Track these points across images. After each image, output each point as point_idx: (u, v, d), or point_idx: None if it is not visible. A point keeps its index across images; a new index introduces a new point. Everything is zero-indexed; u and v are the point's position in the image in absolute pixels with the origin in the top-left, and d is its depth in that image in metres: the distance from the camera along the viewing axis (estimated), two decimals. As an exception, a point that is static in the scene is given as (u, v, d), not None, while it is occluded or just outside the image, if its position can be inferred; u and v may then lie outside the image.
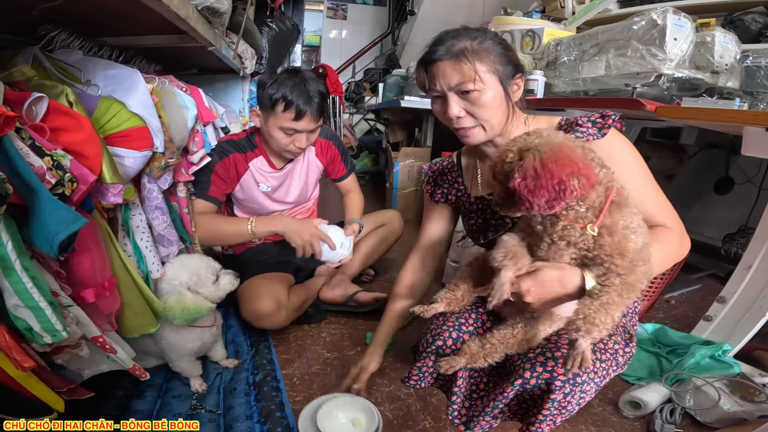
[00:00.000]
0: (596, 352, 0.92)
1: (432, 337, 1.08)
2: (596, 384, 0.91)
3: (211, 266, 1.12)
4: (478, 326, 1.07)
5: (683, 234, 0.91)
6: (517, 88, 0.96)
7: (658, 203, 0.91)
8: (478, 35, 0.92)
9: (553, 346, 0.93)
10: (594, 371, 0.89)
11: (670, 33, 1.36)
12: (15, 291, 0.59)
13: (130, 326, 0.93)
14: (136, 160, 0.87)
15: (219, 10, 1.36)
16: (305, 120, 1.31)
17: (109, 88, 0.87)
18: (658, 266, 0.88)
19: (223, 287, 1.13)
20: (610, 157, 0.86)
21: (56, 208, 0.57)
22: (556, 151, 0.70)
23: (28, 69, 0.73)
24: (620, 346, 0.97)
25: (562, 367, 0.85)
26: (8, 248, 0.56)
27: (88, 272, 0.72)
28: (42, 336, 0.63)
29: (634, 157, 0.92)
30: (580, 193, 0.69)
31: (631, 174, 0.89)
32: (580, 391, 0.89)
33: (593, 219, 0.75)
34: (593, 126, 0.91)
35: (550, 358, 0.90)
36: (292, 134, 1.34)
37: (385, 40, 5.30)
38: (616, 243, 0.74)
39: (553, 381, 0.87)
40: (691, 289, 1.85)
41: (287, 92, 1.27)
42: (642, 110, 1.25)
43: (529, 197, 0.69)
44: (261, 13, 2.43)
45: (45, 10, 0.82)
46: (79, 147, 0.65)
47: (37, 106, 0.64)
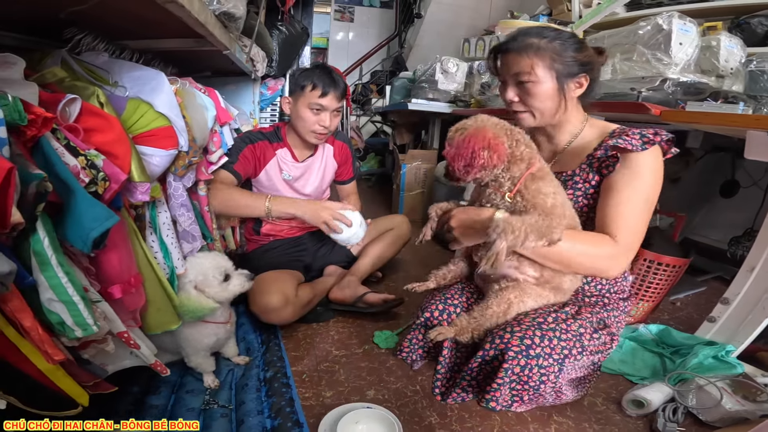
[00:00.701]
0: (557, 331, 0.97)
1: (421, 311, 1.18)
2: (555, 361, 0.96)
3: (220, 266, 1.13)
4: (463, 301, 1.17)
5: (621, 255, 0.97)
6: (577, 87, 1.04)
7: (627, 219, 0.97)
8: (550, 35, 1.02)
9: (515, 323, 1.01)
10: (551, 347, 0.97)
11: (676, 37, 1.38)
12: (50, 285, 0.61)
13: (153, 323, 0.95)
14: (163, 158, 0.89)
15: (235, 15, 1.39)
16: (329, 97, 1.49)
17: (136, 89, 0.90)
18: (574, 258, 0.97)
19: (231, 288, 1.13)
20: (632, 166, 0.97)
21: (91, 205, 0.59)
22: (476, 129, 0.92)
23: (60, 71, 0.76)
24: (586, 330, 1.02)
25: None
26: (45, 244, 0.59)
27: (116, 269, 0.75)
28: (74, 330, 0.65)
29: (648, 177, 0.98)
30: (488, 162, 0.90)
31: (633, 185, 0.97)
32: (537, 365, 0.96)
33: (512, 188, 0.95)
34: (640, 138, 0.97)
35: (508, 332, 0.99)
36: (318, 112, 1.51)
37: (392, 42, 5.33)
38: (527, 200, 0.93)
39: (507, 351, 0.96)
40: (696, 291, 1.86)
41: (314, 75, 1.49)
42: (647, 114, 1.26)
43: (452, 163, 0.92)
44: (272, 17, 2.45)
45: (72, 13, 0.85)
46: (110, 147, 0.68)
47: (71, 107, 0.66)
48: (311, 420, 1.02)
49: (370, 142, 4.63)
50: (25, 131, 0.57)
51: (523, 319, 1.02)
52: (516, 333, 0.98)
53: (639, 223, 0.98)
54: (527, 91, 1.04)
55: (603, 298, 1.13)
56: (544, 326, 0.99)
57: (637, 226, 0.98)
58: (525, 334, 0.97)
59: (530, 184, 0.94)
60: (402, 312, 1.59)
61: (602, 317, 1.07)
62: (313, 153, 1.68)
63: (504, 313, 1.03)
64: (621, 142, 0.97)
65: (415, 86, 3.08)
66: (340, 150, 1.76)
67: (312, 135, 1.56)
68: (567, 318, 1.03)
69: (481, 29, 3.78)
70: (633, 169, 0.97)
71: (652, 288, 1.49)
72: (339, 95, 1.52)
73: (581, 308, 1.07)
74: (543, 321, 1.00)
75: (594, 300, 1.12)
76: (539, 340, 0.96)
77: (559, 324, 1.00)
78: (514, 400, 1.03)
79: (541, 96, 1.03)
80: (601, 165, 1.02)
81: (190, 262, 1.10)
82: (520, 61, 1.02)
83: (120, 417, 0.95)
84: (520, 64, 1.02)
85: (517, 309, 1.04)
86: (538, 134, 1.16)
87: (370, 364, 1.26)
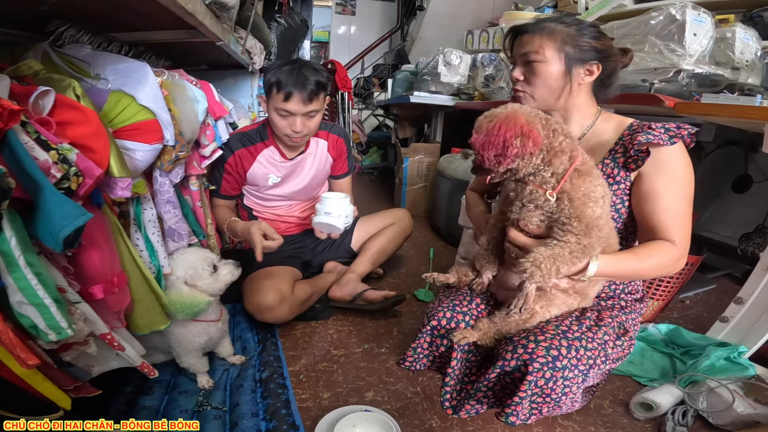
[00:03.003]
0: (583, 340, 0.92)
1: (428, 318, 1.13)
2: (581, 372, 0.92)
3: (207, 258, 1.11)
4: (472, 308, 1.12)
5: (683, 255, 0.96)
6: (587, 74, 1.01)
7: (678, 221, 0.96)
8: (568, 21, 1.01)
9: (539, 331, 0.96)
10: (577, 358, 0.92)
11: (690, 28, 1.34)
12: (19, 288, 0.58)
13: (141, 323, 0.92)
14: (146, 153, 0.86)
15: (227, 4, 1.35)
16: (294, 101, 1.34)
17: (119, 82, 0.86)
18: (650, 272, 0.97)
19: (222, 278, 1.11)
20: (666, 165, 0.94)
21: (61, 202, 0.56)
22: (508, 116, 0.83)
23: (35, 63, 0.72)
24: (610, 337, 0.98)
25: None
26: (12, 244, 0.55)
27: (97, 268, 0.72)
28: (47, 333, 0.62)
29: (685, 174, 0.96)
30: (521, 150, 0.81)
31: (674, 186, 0.95)
32: (562, 377, 0.91)
33: (556, 185, 0.85)
34: (665, 132, 0.94)
35: (532, 341, 0.94)
36: (285, 116, 1.38)
37: (394, 35, 5.28)
38: (575, 208, 0.84)
39: (532, 363, 0.91)
40: (706, 289, 1.82)
41: (281, 75, 1.33)
42: (660, 106, 1.22)
43: (481, 151, 0.84)
44: (269, 9, 2.41)
45: (54, 6, 0.81)
46: (86, 140, 0.65)
47: (44, 99, 0.63)
48: (308, 422, 1.00)
49: (373, 135, 4.60)
50: (-10, 124, 0.53)
51: (546, 327, 0.97)
52: (541, 343, 0.92)
53: (688, 221, 0.97)
54: (533, 70, 1.01)
55: (619, 300, 1.09)
56: (569, 335, 0.94)
57: (687, 225, 0.97)
58: (551, 344, 0.91)
59: (578, 182, 0.85)
60: (403, 310, 1.56)
61: (621, 321, 1.04)
62: (304, 150, 1.58)
63: (526, 322, 0.99)
64: (652, 138, 0.93)
65: (417, 79, 3.03)
66: (335, 144, 1.65)
67: (287, 139, 1.45)
68: (591, 325, 0.99)
69: (485, 21, 3.73)
70: (668, 170, 0.94)
71: (663, 286, 1.45)
72: (306, 97, 1.34)
73: (601, 312, 1.03)
74: (567, 329, 0.95)
75: (611, 303, 1.08)
76: (566, 351, 0.91)
77: (584, 333, 0.95)
78: (533, 413, 0.99)
79: (546, 76, 1.00)
80: (627, 160, 0.98)
81: (176, 260, 1.08)
82: (532, 40, 1.01)
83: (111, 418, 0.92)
84: (531, 43, 1.01)
85: (541, 317, 0.99)
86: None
87: (369, 365, 1.24)
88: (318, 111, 1.42)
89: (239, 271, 1.16)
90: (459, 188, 2.18)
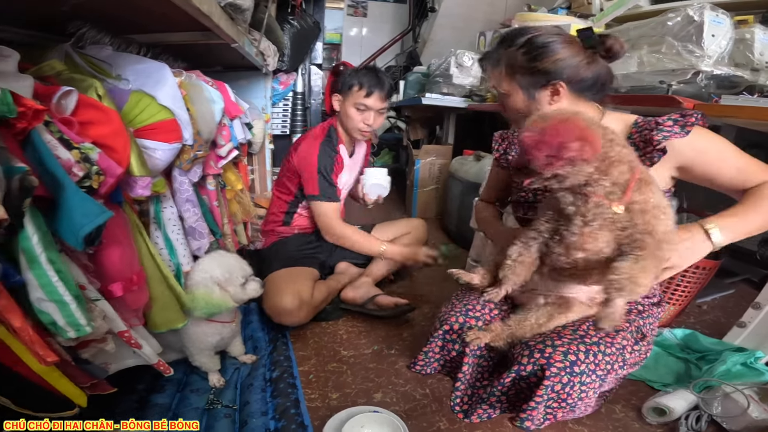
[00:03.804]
0: (601, 345, 0.91)
1: (440, 322, 1.11)
2: (598, 376, 0.91)
3: (243, 269, 1.14)
4: (485, 313, 1.10)
5: None
6: (553, 94, 0.96)
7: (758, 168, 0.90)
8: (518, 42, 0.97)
9: (555, 335, 0.95)
10: (595, 363, 0.90)
11: (708, 29, 1.31)
12: (39, 284, 0.59)
13: (158, 321, 0.93)
14: (166, 152, 0.88)
15: (241, 6, 1.36)
16: (374, 97, 1.54)
17: (139, 82, 0.88)
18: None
19: (249, 292, 1.14)
20: (702, 150, 0.91)
21: (82, 200, 0.57)
22: (568, 118, 0.77)
23: (58, 63, 0.74)
24: (628, 342, 0.96)
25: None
26: (34, 241, 0.56)
27: (117, 266, 0.72)
28: (66, 330, 0.63)
29: (720, 143, 0.93)
30: (578, 155, 0.73)
31: (725, 158, 0.91)
32: (579, 382, 0.89)
33: (620, 195, 0.77)
34: (675, 124, 0.90)
35: (549, 345, 0.92)
36: (363, 110, 1.56)
37: (406, 37, 5.28)
38: (647, 222, 0.76)
39: (549, 367, 0.89)
40: (724, 294, 1.78)
41: (362, 75, 1.55)
42: (679, 108, 1.20)
43: (532, 149, 0.75)
44: (283, 11, 2.43)
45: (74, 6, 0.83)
46: (107, 140, 0.66)
47: (67, 99, 0.64)
48: (316, 422, 0.99)
49: (384, 137, 4.59)
50: (14, 124, 0.54)
51: (563, 332, 0.95)
52: (558, 347, 0.90)
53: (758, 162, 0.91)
54: (502, 101, 1.03)
55: (637, 304, 1.07)
56: (587, 340, 0.92)
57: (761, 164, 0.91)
58: (568, 348, 0.90)
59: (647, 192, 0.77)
60: (414, 317, 1.55)
61: (639, 325, 1.01)
62: (354, 148, 1.75)
63: (541, 326, 0.97)
64: (668, 134, 0.90)
65: (429, 81, 3.03)
66: (368, 143, 1.85)
67: (357, 132, 1.62)
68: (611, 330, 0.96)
69: (497, 23, 3.70)
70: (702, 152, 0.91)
71: (680, 291, 1.42)
72: (383, 96, 1.57)
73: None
74: (585, 334, 0.94)
75: (629, 307, 1.06)
76: (584, 355, 0.89)
77: (602, 338, 0.93)
78: (547, 418, 0.97)
79: (512, 107, 1.01)
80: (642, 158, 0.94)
81: (216, 260, 1.10)
82: (492, 73, 1.02)
83: (124, 416, 0.93)
84: (492, 76, 1.02)
85: (557, 323, 0.97)
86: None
87: (378, 366, 1.23)
88: (386, 110, 1.64)
89: (262, 291, 1.18)
90: (471, 190, 2.17)
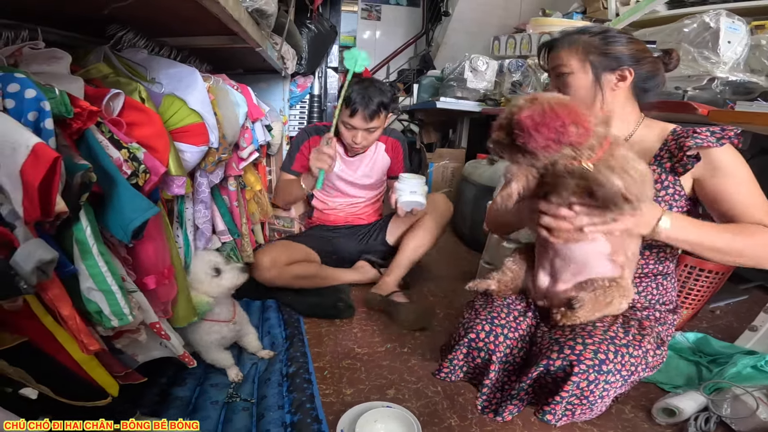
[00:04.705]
0: (630, 347, 0.93)
1: (464, 330, 1.12)
2: (622, 377, 0.93)
3: (209, 262, 1.12)
4: (510, 320, 1.11)
5: None
6: (619, 79, 1.02)
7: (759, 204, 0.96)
8: (592, 30, 1.04)
9: (586, 334, 0.96)
10: (622, 364, 0.93)
11: (724, 36, 1.33)
12: (90, 274, 0.62)
13: (180, 315, 0.96)
14: (194, 154, 0.91)
15: (267, 12, 1.41)
16: (357, 117, 1.52)
17: (171, 86, 0.92)
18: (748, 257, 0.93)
19: (224, 282, 1.13)
20: (724, 167, 0.96)
21: (133, 196, 0.61)
22: (564, 102, 0.79)
23: (105, 67, 0.78)
24: (652, 347, 0.99)
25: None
26: (87, 233, 0.60)
27: (152, 260, 0.76)
28: (110, 319, 0.66)
29: (744, 169, 0.98)
30: (576, 139, 0.77)
31: (741, 183, 0.97)
32: (604, 381, 0.91)
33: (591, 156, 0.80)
34: (712, 135, 0.95)
35: (580, 343, 0.94)
36: (350, 129, 1.57)
37: (419, 41, 5.30)
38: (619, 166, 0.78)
39: (579, 364, 0.91)
40: (737, 299, 1.78)
41: (352, 93, 1.51)
42: (693, 114, 1.22)
43: (532, 131, 0.77)
44: (301, 15, 2.48)
45: (114, 9, 0.87)
46: (150, 140, 0.70)
47: (115, 101, 0.68)
48: (330, 417, 1.01)
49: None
50: (71, 124, 0.58)
51: (593, 331, 0.97)
52: (589, 346, 0.92)
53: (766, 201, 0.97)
54: (563, 83, 1.05)
55: (654, 311, 1.09)
56: (617, 341, 0.94)
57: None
58: (599, 348, 0.92)
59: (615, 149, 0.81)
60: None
61: (659, 332, 1.04)
62: (363, 151, 1.75)
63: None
64: (701, 141, 0.94)
65: (443, 85, 3.05)
66: (393, 147, 1.81)
67: (350, 146, 1.64)
68: (636, 333, 0.99)
69: (512, 27, 3.72)
70: (725, 167, 0.96)
71: (692, 295, 1.43)
72: (368, 115, 1.52)
73: (642, 321, 1.04)
74: (615, 335, 0.96)
75: (646, 314, 1.08)
76: (613, 355, 0.92)
77: (631, 340, 0.96)
78: (565, 414, 0.99)
79: (575, 87, 1.03)
80: (675, 165, 0.99)
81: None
82: (559, 54, 1.05)
83: (146, 408, 0.96)
84: (558, 57, 1.05)
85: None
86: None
87: (391, 363, 1.26)
88: (378, 127, 1.60)
89: (245, 276, 1.17)
90: (484, 194, 2.18)
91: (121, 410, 0.77)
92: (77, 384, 0.70)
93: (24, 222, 0.50)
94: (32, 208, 0.49)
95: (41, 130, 0.53)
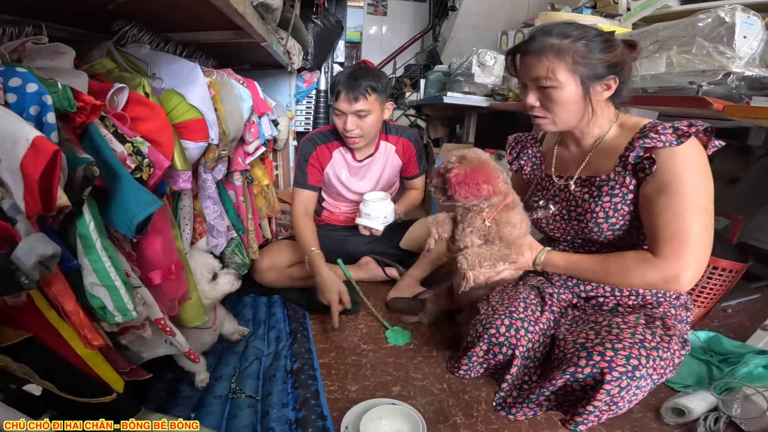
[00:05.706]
0: (659, 350, 0.91)
1: (483, 326, 1.10)
2: (653, 381, 0.91)
3: (207, 264, 1.12)
4: (529, 314, 1.10)
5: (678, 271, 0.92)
6: (605, 89, 0.98)
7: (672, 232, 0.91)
8: (574, 34, 0.94)
9: (615, 338, 0.93)
10: (653, 368, 0.90)
11: (739, 31, 1.29)
12: (94, 269, 0.62)
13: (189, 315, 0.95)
14: (193, 150, 0.90)
15: (272, 6, 1.40)
16: (341, 99, 1.45)
17: (172, 82, 0.91)
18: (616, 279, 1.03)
19: (220, 287, 1.12)
20: (669, 172, 0.91)
21: (137, 190, 0.60)
22: (481, 165, 1.05)
23: (109, 62, 0.78)
24: (678, 347, 0.97)
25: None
26: (90, 228, 0.60)
27: (158, 254, 0.76)
28: (114, 315, 0.66)
29: (692, 181, 0.91)
30: (486, 194, 1.05)
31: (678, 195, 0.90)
32: (636, 386, 0.89)
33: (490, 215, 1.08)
34: (673, 133, 0.91)
35: (610, 349, 0.91)
36: (339, 115, 1.49)
37: (426, 36, 5.27)
38: (499, 231, 1.09)
39: (611, 371, 0.88)
40: (749, 298, 1.75)
41: (339, 77, 1.47)
42: (708, 109, 1.19)
43: (456, 187, 1.04)
44: (307, 10, 2.47)
45: (119, 5, 0.87)
46: (154, 135, 0.69)
47: (119, 96, 0.67)
48: (335, 414, 1.01)
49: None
50: (74, 118, 0.58)
51: (621, 335, 0.94)
52: (620, 351, 0.89)
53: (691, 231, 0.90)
54: (549, 97, 0.97)
55: (670, 308, 1.07)
56: (647, 344, 0.92)
57: (687, 236, 0.90)
58: (630, 353, 0.89)
59: (503, 213, 1.09)
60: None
61: (681, 332, 1.02)
62: (373, 152, 1.67)
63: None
64: (649, 141, 0.90)
65: (450, 80, 3.02)
66: (404, 147, 1.72)
67: (345, 139, 1.54)
68: (662, 335, 0.96)
69: (519, 22, 3.67)
70: (669, 173, 0.90)
71: (705, 293, 1.41)
72: (352, 97, 1.42)
73: (665, 320, 1.01)
74: (644, 338, 0.93)
75: (662, 311, 1.06)
76: (645, 360, 0.89)
77: (659, 343, 0.93)
78: (592, 420, 0.97)
79: (564, 101, 0.97)
80: (636, 167, 0.96)
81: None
82: (540, 64, 0.95)
83: (152, 404, 0.96)
84: (540, 67, 0.95)
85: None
86: (565, 135, 1.13)
87: (397, 360, 1.25)
88: (368, 112, 1.48)
89: (239, 283, 1.16)
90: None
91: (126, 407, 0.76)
92: (81, 380, 0.71)
93: (26, 216, 0.50)
94: (33, 202, 0.49)
95: (43, 124, 0.53)
